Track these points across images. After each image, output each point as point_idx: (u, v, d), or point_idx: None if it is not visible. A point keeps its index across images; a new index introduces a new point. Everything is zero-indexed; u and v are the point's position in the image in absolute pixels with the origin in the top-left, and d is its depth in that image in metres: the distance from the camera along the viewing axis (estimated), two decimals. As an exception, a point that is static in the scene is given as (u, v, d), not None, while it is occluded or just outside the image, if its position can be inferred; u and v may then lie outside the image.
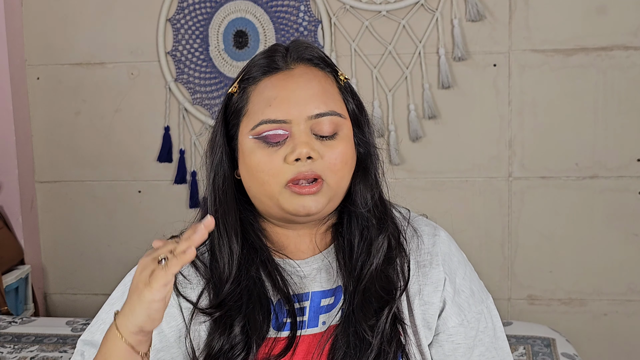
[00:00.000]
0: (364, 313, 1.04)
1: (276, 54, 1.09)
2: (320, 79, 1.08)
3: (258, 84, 1.07)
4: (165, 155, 3.04)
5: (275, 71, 1.07)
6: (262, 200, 1.07)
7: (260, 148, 1.05)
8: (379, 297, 1.06)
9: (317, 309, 1.08)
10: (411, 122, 2.88)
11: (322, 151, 1.04)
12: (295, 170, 1.03)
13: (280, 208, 1.05)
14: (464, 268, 1.15)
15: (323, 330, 1.07)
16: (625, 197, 2.83)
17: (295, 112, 1.04)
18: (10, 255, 3.01)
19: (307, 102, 1.05)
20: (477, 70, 2.85)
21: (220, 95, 3.01)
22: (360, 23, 2.88)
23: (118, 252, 3.14)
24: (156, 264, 0.90)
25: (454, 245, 1.16)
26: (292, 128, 1.04)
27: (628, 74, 2.78)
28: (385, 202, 1.13)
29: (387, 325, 1.04)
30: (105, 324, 1.11)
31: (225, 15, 2.97)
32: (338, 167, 1.05)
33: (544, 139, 2.85)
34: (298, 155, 1.02)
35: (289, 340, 1.05)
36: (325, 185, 1.04)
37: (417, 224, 1.15)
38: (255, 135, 1.05)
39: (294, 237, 1.12)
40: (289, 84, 1.06)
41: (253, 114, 1.06)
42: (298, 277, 1.09)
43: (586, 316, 2.92)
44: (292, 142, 1.03)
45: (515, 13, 2.81)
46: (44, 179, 3.17)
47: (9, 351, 2.21)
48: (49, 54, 3.10)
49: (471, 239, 2.90)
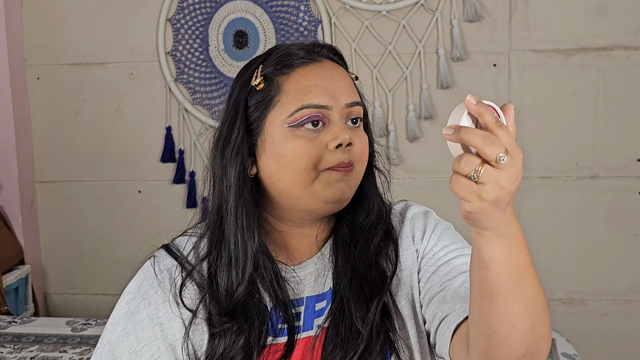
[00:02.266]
0: (356, 303, 1.05)
1: (295, 49, 1.10)
2: (346, 73, 1.11)
3: (290, 75, 1.07)
4: (168, 156, 3.04)
5: (306, 63, 1.08)
6: (293, 192, 1.05)
7: (296, 136, 1.04)
8: (371, 287, 1.07)
9: (311, 313, 1.08)
10: (409, 122, 2.88)
11: (354, 139, 1.06)
12: (337, 158, 1.04)
13: (315, 195, 1.05)
14: (434, 225, 1.15)
15: (317, 333, 1.07)
16: (625, 197, 2.83)
17: (334, 99, 1.06)
18: (10, 255, 3.01)
19: (343, 92, 1.07)
20: (477, 70, 2.86)
21: (220, 95, 3.01)
22: (360, 23, 2.88)
23: (118, 252, 3.14)
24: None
25: (428, 215, 1.16)
26: (331, 115, 1.05)
27: (628, 74, 2.79)
28: (380, 195, 1.15)
29: (377, 316, 1.05)
30: (110, 344, 1.06)
31: (225, 15, 2.97)
32: (365, 155, 1.08)
33: (544, 139, 2.85)
34: (341, 141, 1.04)
35: (287, 346, 1.04)
36: (353, 171, 1.06)
37: (399, 210, 1.18)
38: (292, 123, 1.04)
39: (294, 236, 1.12)
40: (325, 73, 1.07)
41: (288, 103, 1.05)
42: (294, 283, 1.09)
43: (586, 316, 2.92)
44: (332, 129, 1.05)
45: (515, 13, 2.81)
46: (44, 179, 3.17)
47: (9, 351, 2.21)
48: (49, 54, 3.10)
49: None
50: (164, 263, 1.09)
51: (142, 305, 1.06)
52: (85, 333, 2.35)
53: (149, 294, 1.06)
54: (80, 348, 2.23)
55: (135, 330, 1.05)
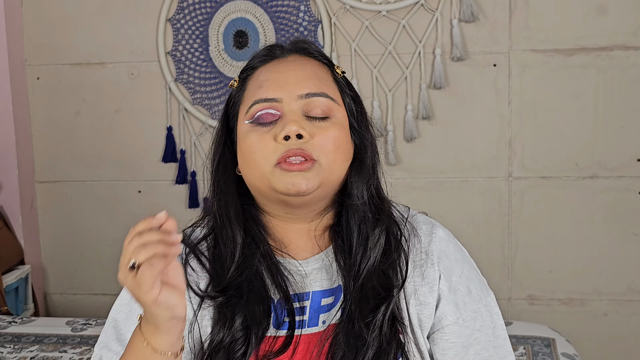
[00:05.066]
0: (361, 310, 1.04)
1: (274, 47, 1.14)
2: (313, 65, 1.11)
3: (254, 73, 1.12)
4: (170, 156, 3.04)
5: (267, 60, 1.12)
6: (256, 184, 1.07)
7: (253, 131, 1.06)
8: (376, 294, 1.06)
9: (317, 309, 1.08)
10: (407, 122, 2.88)
11: (313, 132, 1.05)
12: (284, 149, 1.03)
13: (271, 189, 1.05)
14: (462, 266, 1.14)
15: (323, 329, 1.07)
16: (625, 197, 2.83)
17: (285, 90, 1.06)
18: (10, 255, 3.01)
19: (298, 82, 1.07)
20: (477, 70, 2.86)
21: (221, 95, 3.01)
22: (360, 23, 2.88)
23: (118, 252, 3.10)
24: (130, 271, 0.93)
25: (453, 242, 1.15)
26: (283, 108, 1.06)
27: (628, 74, 2.79)
28: (383, 196, 1.14)
29: (385, 323, 1.04)
30: (116, 322, 1.11)
31: (225, 15, 2.97)
32: (330, 148, 1.05)
33: (544, 139, 2.85)
34: (287, 132, 1.03)
35: (286, 339, 1.05)
36: (317, 165, 1.04)
37: (416, 222, 1.15)
38: (249, 119, 1.07)
39: (292, 232, 1.12)
40: (281, 67, 1.09)
41: (247, 100, 1.09)
42: (300, 277, 1.09)
43: (586, 316, 2.92)
44: (283, 121, 1.05)
45: (515, 13, 2.81)
46: (44, 179, 3.17)
47: (9, 351, 2.21)
48: (49, 54, 3.10)
49: (471, 239, 2.89)
50: None
51: None
52: (85, 333, 2.35)
53: None
54: (80, 348, 2.23)
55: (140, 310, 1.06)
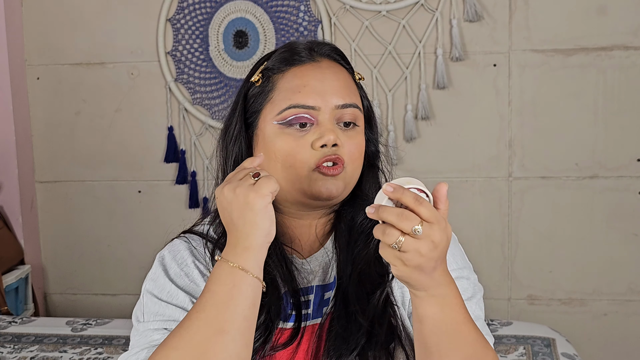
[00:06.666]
0: (357, 296, 1.07)
1: (299, 47, 1.14)
2: (344, 73, 1.14)
3: (285, 73, 1.11)
4: (172, 156, 3.04)
5: (302, 62, 1.12)
6: (282, 185, 1.08)
7: (285, 133, 1.08)
8: (372, 281, 1.09)
9: (321, 302, 1.11)
10: (407, 122, 2.88)
11: (343, 140, 1.09)
12: (321, 155, 1.07)
13: (302, 191, 1.08)
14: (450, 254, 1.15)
15: (322, 321, 1.10)
16: (625, 197, 2.84)
17: (324, 100, 1.09)
18: (10, 255, 3.01)
19: (335, 93, 1.10)
20: (477, 70, 2.86)
21: (221, 95, 3.01)
22: (360, 23, 2.88)
23: (118, 252, 3.14)
24: (251, 178, 0.97)
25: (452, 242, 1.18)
26: (319, 116, 1.08)
27: (628, 74, 2.79)
28: None
29: (379, 308, 1.07)
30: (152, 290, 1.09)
31: (225, 15, 2.97)
32: (356, 156, 1.10)
33: (544, 139, 2.85)
34: (326, 141, 1.07)
35: (293, 331, 1.07)
36: (344, 172, 1.09)
37: None
38: (281, 120, 1.08)
39: (298, 227, 1.14)
40: (318, 74, 1.10)
41: (279, 101, 1.10)
42: (305, 272, 1.12)
43: (586, 316, 2.92)
44: (319, 129, 1.08)
45: (515, 13, 2.82)
46: (44, 179, 3.17)
47: (9, 351, 2.21)
48: (49, 54, 3.10)
49: (471, 239, 2.89)
50: (194, 241, 1.13)
51: (173, 264, 1.10)
52: (85, 333, 2.35)
53: (184, 258, 1.10)
54: (80, 348, 2.23)
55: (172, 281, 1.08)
